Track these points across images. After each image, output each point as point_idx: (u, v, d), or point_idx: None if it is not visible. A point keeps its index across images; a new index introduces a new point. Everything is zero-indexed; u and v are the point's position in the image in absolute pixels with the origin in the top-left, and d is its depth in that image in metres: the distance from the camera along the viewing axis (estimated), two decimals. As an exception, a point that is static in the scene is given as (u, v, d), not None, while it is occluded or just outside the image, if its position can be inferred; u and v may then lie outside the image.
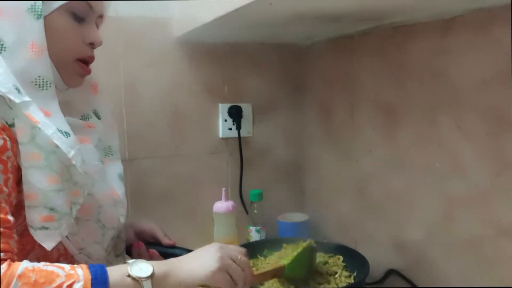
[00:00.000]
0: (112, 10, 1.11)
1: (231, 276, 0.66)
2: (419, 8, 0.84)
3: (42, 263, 0.57)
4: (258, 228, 1.21)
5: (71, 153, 0.65)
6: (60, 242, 0.69)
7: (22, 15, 0.64)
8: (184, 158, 1.24)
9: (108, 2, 0.78)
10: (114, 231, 0.77)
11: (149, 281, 0.60)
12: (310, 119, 1.33)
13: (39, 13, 0.65)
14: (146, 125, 1.18)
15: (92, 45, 0.74)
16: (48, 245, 0.64)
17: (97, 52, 0.79)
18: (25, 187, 0.63)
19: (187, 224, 1.23)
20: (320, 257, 0.98)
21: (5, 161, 0.60)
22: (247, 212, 1.27)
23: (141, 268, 0.61)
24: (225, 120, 1.26)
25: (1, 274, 0.53)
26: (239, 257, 0.69)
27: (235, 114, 1.26)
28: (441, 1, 0.78)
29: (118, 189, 0.81)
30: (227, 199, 1.18)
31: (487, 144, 0.81)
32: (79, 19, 0.71)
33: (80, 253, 0.73)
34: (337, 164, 1.22)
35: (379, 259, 1.04)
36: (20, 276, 0.54)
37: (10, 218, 0.59)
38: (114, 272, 0.59)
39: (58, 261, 0.71)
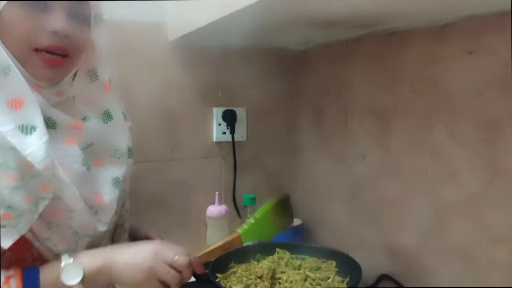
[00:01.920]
0: (107, 13, 1.11)
1: (163, 282, 0.68)
2: (412, 14, 0.85)
3: None
4: (251, 232, 1.21)
5: (27, 151, 0.62)
6: (34, 247, 0.68)
7: None
8: (178, 162, 1.23)
9: None
10: (90, 239, 0.73)
11: (79, 286, 0.63)
12: (303, 124, 1.33)
13: None
14: (140, 129, 1.18)
15: (56, 33, 0.67)
16: (5, 243, 0.61)
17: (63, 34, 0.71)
18: None
19: (180, 228, 1.22)
20: (312, 262, 0.98)
21: None
22: (240, 216, 1.26)
23: (72, 273, 0.63)
24: (219, 124, 1.26)
25: None
26: (175, 258, 0.70)
27: (229, 118, 1.26)
28: (433, 8, 0.78)
29: (106, 194, 0.76)
30: (220, 203, 1.18)
31: (480, 151, 0.81)
32: (39, 6, 0.65)
33: (55, 259, 0.68)
34: (330, 169, 1.22)
35: (372, 264, 1.04)
36: None
37: None
38: (47, 276, 0.62)
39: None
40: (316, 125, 1.28)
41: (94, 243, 0.75)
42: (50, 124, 0.69)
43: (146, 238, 0.90)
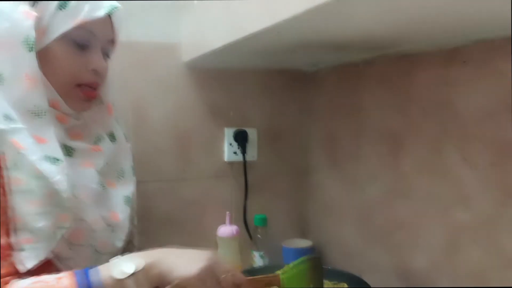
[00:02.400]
0: (122, 34, 1.14)
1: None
2: (423, 38, 0.86)
3: (30, 279, 0.59)
4: (261, 253, 1.20)
5: (55, 178, 0.66)
6: (56, 268, 0.69)
7: (17, 48, 0.66)
8: (189, 181, 1.24)
9: (118, 26, 0.79)
10: (109, 256, 0.74)
11: (132, 279, 0.62)
12: (315, 145, 1.34)
13: (31, 45, 0.67)
14: (153, 148, 1.20)
15: (95, 71, 0.75)
16: (23, 267, 0.64)
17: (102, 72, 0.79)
18: (8, 211, 0.64)
19: (191, 247, 1.22)
20: (324, 285, 0.98)
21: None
22: (251, 237, 1.26)
23: (122, 268, 0.62)
24: (231, 144, 1.27)
25: None
26: (229, 271, 0.69)
27: (241, 138, 1.27)
28: (444, 32, 0.79)
29: (120, 212, 0.80)
30: (231, 223, 1.18)
31: (492, 174, 0.81)
32: (82, 46, 0.73)
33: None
34: (342, 191, 1.22)
35: (384, 287, 1.03)
36: None
37: (4, 241, 0.62)
38: (97, 275, 0.62)
39: None
40: (327, 146, 1.28)
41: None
42: (68, 152, 0.73)
43: None
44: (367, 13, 0.63)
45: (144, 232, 1.13)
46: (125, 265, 0.63)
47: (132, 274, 0.62)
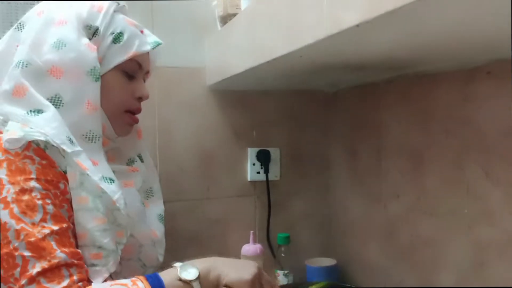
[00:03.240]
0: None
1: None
2: (442, 58, 0.87)
3: (108, 283, 0.64)
4: (285, 272, 1.21)
5: (115, 197, 0.71)
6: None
7: (82, 77, 0.72)
8: (213, 200, 1.27)
9: (154, 60, 0.86)
10: (153, 270, 0.80)
11: (197, 282, 0.67)
12: (336, 163, 1.35)
13: (97, 76, 0.73)
14: (178, 169, 1.23)
15: (140, 99, 0.83)
16: (96, 280, 0.68)
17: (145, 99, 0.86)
18: (76, 228, 0.69)
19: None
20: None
21: (67, 201, 0.68)
22: (274, 255, 1.27)
23: (189, 271, 0.68)
24: (254, 164, 1.30)
25: None
26: (270, 283, 0.75)
27: (263, 158, 1.30)
28: (463, 52, 0.81)
29: (157, 230, 0.86)
30: (255, 242, 1.19)
31: (515, 190, 0.81)
32: (130, 76, 0.80)
33: None
34: (365, 209, 1.23)
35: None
36: None
37: (79, 250, 0.66)
38: (167, 277, 0.66)
39: None
40: (349, 164, 1.29)
41: None
42: None
43: None
44: (387, 37, 0.65)
45: (169, 250, 1.16)
46: (190, 269, 0.68)
47: (198, 277, 0.67)
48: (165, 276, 0.67)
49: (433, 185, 0.99)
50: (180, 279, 0.67)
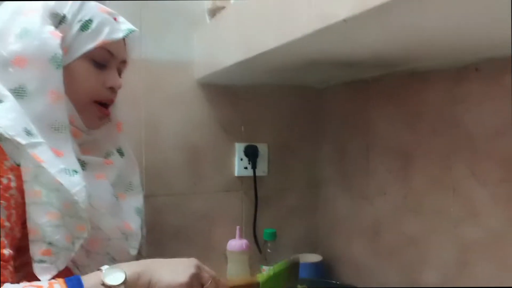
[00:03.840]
0: (136, 52, 1.17)
1: None
2: (432, 56, 0.87)
3: (21, 284, 0.60)
4: (271, 267, 1.21)
5: (74, 189, 0.68)
6: (73, 275, 0.71)
7: (45, 65, 0.69)
8: (200, 195, 1.26)
9: (130, 48, 0.83)
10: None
11: (122, 287, 0.62)
12: (325, 160, 1.35)
13: (59, 63, 0.70)
14: (164, 163, 1.21)
15: (112, 89, 0.80)
16: (43, 277, 0.66)
17: (120, 92, 0.83)
18: (27, 223, 0.66)
19: (200, 261, 1.21)
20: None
21: (8, 198, 0.64)
22: (260, 251, 1.27)
23: (114, 275, 0.63)
24: (241, 159, 1.29)
25: None
26: (213, 276, 0.72)
27: (251, 153, 1.28)
28: (453, 50, 0.81)
29: (132, 222, 0.83)
30: (241, 237, 1.18)
31: (501, 190, 0.81)
32: (100, 65, 0.77)
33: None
34: (352, 206, 1.22)
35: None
36: None
37: (6, 252, 0.62)
38: (90, 281, 0.62)
39: None
40: (337, 161, 1.29)
41: None
42: (81, 165, 0.75)
43: None
44: (376, 33, 0.65)
45: (154, 245, 1.15)
46: (116, 273, 0.63)
47: (124, 282, 0.62)
48: (88, 280, 0.63)
49: (420, 183, 0.99)
50: (103, 284, 0.62)
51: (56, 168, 0.67)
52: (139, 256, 0.88)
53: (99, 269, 0.64)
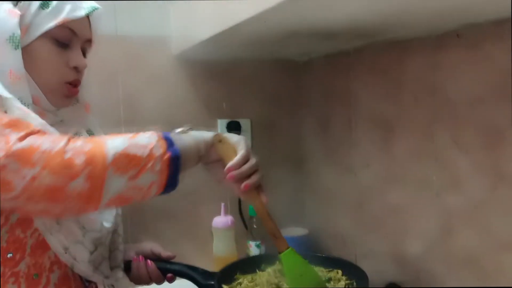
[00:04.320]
0: (111, 28, 1.13)
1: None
2: (411, 24, 0.86)
3: (125, 135, 0.66)
4: (257, 243, 1.21)
5: None
6: (52, 251, 0.72)
7: (3, 45, 0.68)
8: (183, 173, 1.24)
9: (95, 27, 0.80)
10: (97, 234, 0.77)
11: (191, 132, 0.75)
12: (308, 134, 1.34)
13: (17, 43, 0.69)
14: (145, 142, 1.19)
15: (76, 69, 0.77)
16: None
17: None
18: None
19: (186, 239, 1.23)
20: (319, 272, 0.98)
21: None
22: (246, 227, 1.27)
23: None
24: (224, 136, 1.27)
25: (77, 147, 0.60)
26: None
27: (234, 129, 1.27)
28: (433, 17, 0.79)
29: None
30: (226, 214, 1.18)
31: (483, 158, 0.81)
32: (63, 45, 0.75)
33: (66, 253, 0.73)
34: (336, 178, 1.22)
35: (379, 273, 1.03)
36: (112, 164, 0.60)
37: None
38: (175, 136, 0.70)
39: (52, 270, 0.72)
40: (321, 134, 1.28)
41: (102, 240, 0.79)
42: None
43: (151, 253, 0.90)
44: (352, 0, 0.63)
45: (138, 225, 1.14)
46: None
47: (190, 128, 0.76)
48: (174, 136, 0.70)
49: (403, 154, 0.99)
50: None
51: None
52: (116, 236, 0.87)
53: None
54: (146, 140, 0.65)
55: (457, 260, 0.88)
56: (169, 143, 0.67)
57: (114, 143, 0.63)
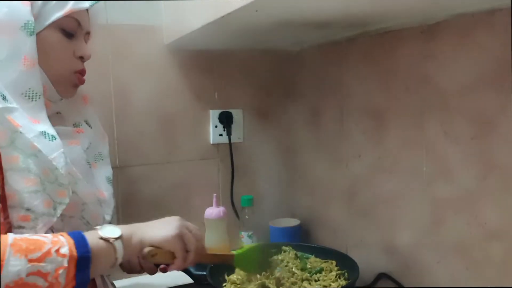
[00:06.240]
0: (103, 18, 1.12)
1: (185, 245, 0.75)
2: (403, 14, 0.86)
3: (26, 235, 0.62)
4: (249, 233, 1.21)
5: (52, 155, 0.68)
6: None
7: (17, 32, 0.69)
8: (175, 164, 1.24)
9: (94, 20, 0.83)
10: None
11: (119, 241, 0.67)
12: (300, 124, 1.34)
13: (32, 30, 0.70)
14: (136, 132, 1.19)
15: (82, 59, 0.80)
16: None
17: (87, 61, 0.81)
18: (5, 188, 0.66)
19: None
20: (314, 263, 1.00)
21: None
22: (238, 217, 1.27)
23: (110, 230, 0.68)
24: (216, 126, 1.27)
25: None
26: (195, 230, 0.78)
27: (226, 120, 1.27)
28: (424, 7, 0.79)
29: (105, 190, 0.84)
30: (218, 205, 1.18)
31: (473, 148, 0.82)
32: (69, 34, 0.77)
33: None
34: (327, 169, 1.23)
35: (370, 262, 1.05)
36: (12, 245, 0.58)
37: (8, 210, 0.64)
38: (89, 236, 0.65)
39: None
40: (312, 124, 1.28)
41: None
42: None
43: None
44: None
45: (131, 216, 1.13)
46: (112, 229, 0.68)
47: (120, 237, 0.68)
48: (87, 234, 0.66)
49: (393, 144, 0.99)
50: (101, 238, 0.66)
51: (33, 133, 0.67)
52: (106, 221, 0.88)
53: (94, 228, 0.68)
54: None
55: (446, 250, 0.89)
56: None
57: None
